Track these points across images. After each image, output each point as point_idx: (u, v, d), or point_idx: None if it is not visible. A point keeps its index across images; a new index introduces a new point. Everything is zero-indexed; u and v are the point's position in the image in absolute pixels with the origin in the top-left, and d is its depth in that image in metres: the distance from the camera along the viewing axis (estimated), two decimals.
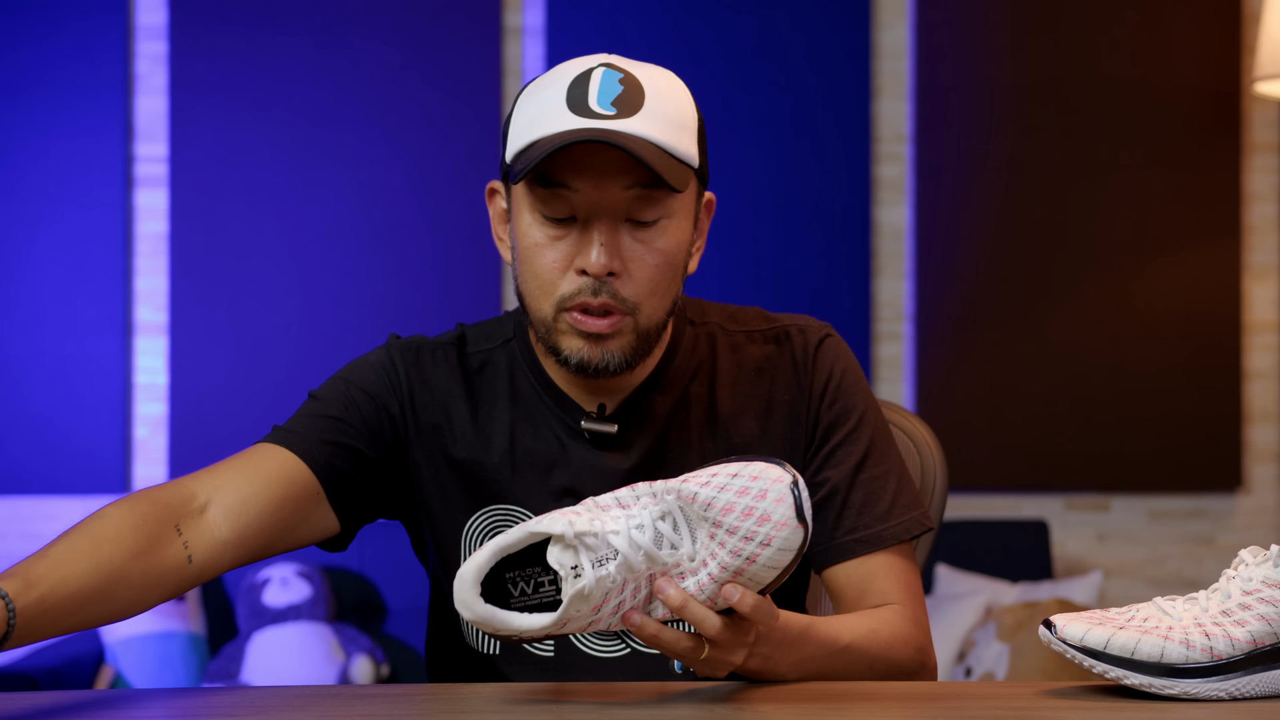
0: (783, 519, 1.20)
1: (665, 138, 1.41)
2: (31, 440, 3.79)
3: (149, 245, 3.85)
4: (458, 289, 3.82)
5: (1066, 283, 3.85)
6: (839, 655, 1.40)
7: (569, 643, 1.51)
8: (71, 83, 3.81)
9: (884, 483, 1.53)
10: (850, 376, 1.56)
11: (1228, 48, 3.86)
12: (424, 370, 1.55)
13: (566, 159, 1.40)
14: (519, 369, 1.56)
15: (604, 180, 1.40)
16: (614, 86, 1.41)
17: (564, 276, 1.43)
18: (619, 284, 1.43)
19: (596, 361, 1.45)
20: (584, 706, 1.27)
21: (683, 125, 1.44)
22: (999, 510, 3.87)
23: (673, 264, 1.46)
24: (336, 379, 1.56)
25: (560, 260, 1.43)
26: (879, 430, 1.56)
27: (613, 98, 1.41)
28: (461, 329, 1.59)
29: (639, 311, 1.44)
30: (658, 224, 1.44)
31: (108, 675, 3.45)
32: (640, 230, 1.43)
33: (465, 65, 3.84)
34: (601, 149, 1.39)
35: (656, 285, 1.45)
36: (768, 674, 1.36)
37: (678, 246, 1.46)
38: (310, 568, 3.57)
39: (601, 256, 1.41)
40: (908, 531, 1.52)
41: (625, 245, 1.43)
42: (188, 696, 1.44)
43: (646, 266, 1.44)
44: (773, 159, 3.85)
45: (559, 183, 1.41)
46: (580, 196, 1.41)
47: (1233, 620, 1.25)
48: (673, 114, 1.43)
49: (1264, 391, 3.91)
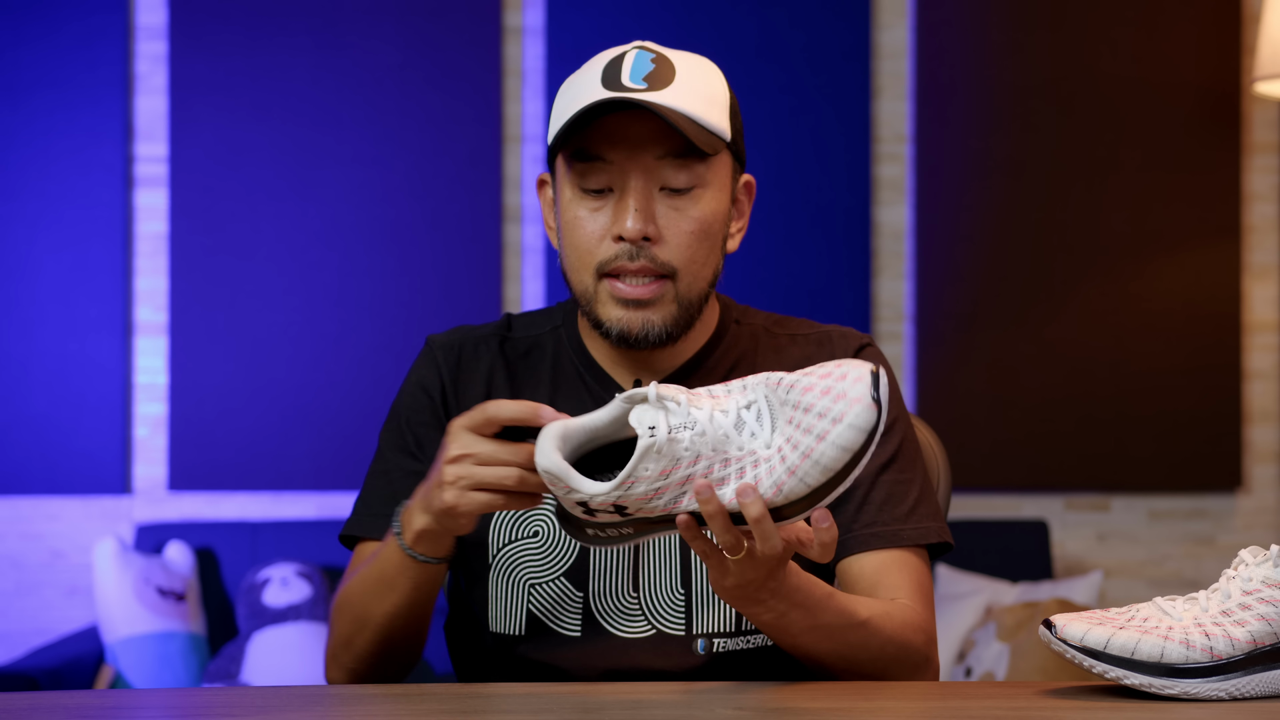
0: (858, 396, 1.21)
1: (694, 109, 1.46)
2: (31, 440, 3.79)
3: (149, 245, 3.85)
4: (458, 289, 3.82)
5: (1066, 283, 3.85)
6: (855, 630, 1.41)
7: (596, 622, 1.52)
8: (71, 83, 3.81)
9: (907, 488, 1.55)
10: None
11: (1228, 48, 3.86)
12: (464, 363, 1.60)
13: (601, 132, 1.46)
14: (564, 352, 1.60)
15: (637, 150, 1.46)
16: (646, 64, 1.47)
17: (602, 244, 1.48)
18: (656, 249, 1.48)
19: (637, 330, 1.49)
20: (596, 703, 1.27)
21: (713, 100, 1.49)
22: (999, 510, 3.87)
23: (709, 232, 1.50)
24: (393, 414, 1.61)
25: (599, 230, 1.48)
26: (909, 441, 1.58)
27: (645, 74, 1.47)
28: (508, 317, 1.64)
29: (678, 278, 1.49)
30: (691, 192, 1.49)
31: (108, 675, 3.45)
32: (675, 198, 1.48)
33: (465, 65, 3.84)
34: (634, 122, 1.45)
35: (695, 252, 1.49)
36: (780, 631, 1.36)
37: (713, 216, 1.50)
38: (310, 568, 3.57)
39: (637, 221, 1.46)
40: (925, 537, 1.54)
41: (660, 212, 1.48)
42: (188, 696, 1.44)
43: (682, 233, 1.48)
44: (773, 159, 3.84)
45: (594, 155, 1.47)
46: (615, 167, 1.47)
47: (1233, 620, 1.25)
48: (703, 90, 1.48)
49: (1264, 391, 3.91)
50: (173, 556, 3.59)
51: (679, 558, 1.53)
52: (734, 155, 1.54)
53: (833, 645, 1.40)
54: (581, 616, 1.53)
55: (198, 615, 3.56)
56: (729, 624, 1.52)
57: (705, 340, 1.58)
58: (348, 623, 1.48)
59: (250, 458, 3.81)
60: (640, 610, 1.52)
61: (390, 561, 1.42)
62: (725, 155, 1.52)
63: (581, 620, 1.53)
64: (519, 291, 3.86)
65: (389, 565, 1.43)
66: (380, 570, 1.44)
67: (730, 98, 1.52)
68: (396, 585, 1.43)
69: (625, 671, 1.51)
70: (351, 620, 1.47)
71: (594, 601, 1.53)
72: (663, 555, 1.53)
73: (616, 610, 1.53)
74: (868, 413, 1.21)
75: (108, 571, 3.46)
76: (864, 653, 1.42)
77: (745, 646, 1.53)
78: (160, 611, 3.44)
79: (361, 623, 1.47)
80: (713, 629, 1.52)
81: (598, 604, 1.53)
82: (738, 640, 1.52)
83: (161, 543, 3.65)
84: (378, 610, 1.45)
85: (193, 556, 3.62)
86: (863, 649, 1.42)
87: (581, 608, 1.53)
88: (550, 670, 1.53)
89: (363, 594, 1.46)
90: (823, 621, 1.38)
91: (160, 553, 3.63)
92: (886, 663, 1.44)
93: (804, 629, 1.37)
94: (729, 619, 1.52)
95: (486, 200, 3.84)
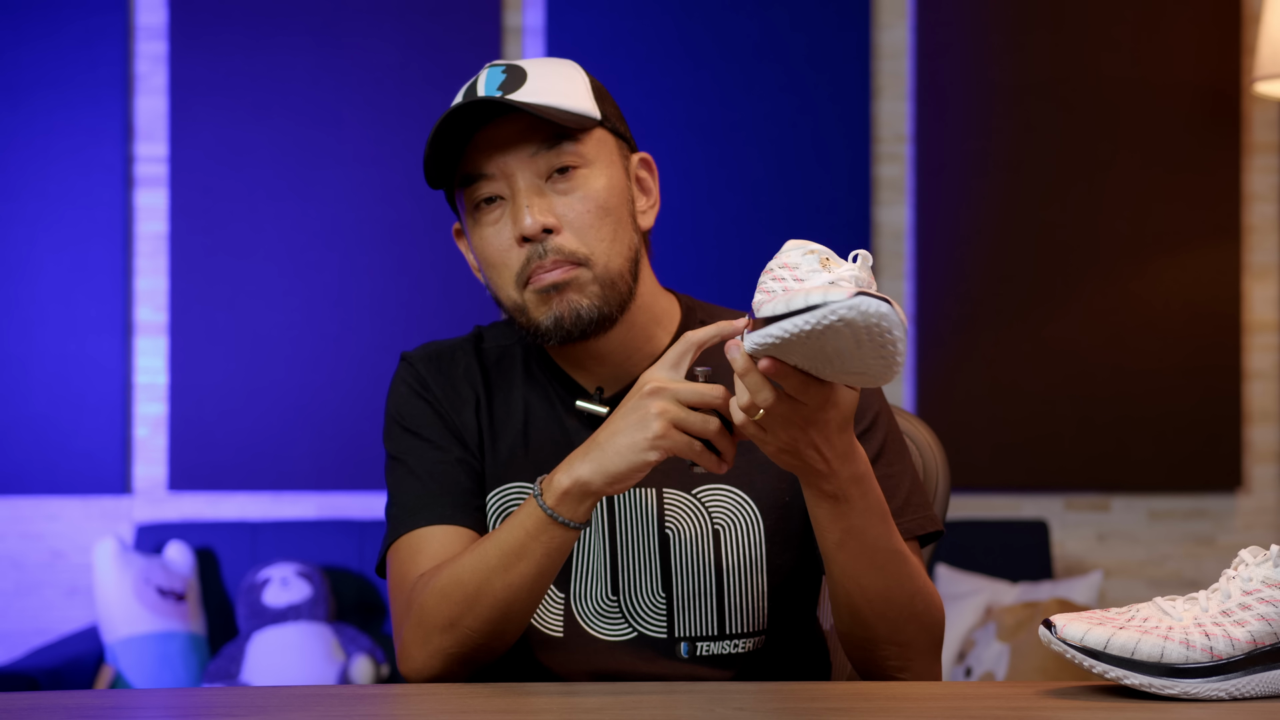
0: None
1: (550, 99, 1.50)
2: (31, 440, 3.79)
3: (149, 245, 3.85)
4: (458, 289, 3.82)
5: (1066, 283, 3.85)
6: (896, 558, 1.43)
7: (576, 624, 1.53)
8: (71, 83, 3.81)
9: (896, 482, 1.55)
10: None
11: (1228, 48, 3.86)
12: (444, 369, 1.61)
13: (474, 149, 1.50)
14: (532, 358, 1.61)
15: (509, 150, 1.49)
16: (498, 76, 1.52)
17: (511, 253, 1.50)
18: (561, 239, 1.50)
19: (567, 315, 1.50)
20: (589, 701, 1.27)
21: (571, 88, 1.52)
22: (999, 510, 3.87)
23: (607, 209, 1.52)
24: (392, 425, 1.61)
25: (505, 240, 1.51)
26: (893, 435, 1.58)
27: (498, 84, 1.50)
28: (478, 329, 1.66)
29: (591, 261, 1.50)
30: (575, 172, 1.51)
31: (108, 675, 3.45)
32: (561, 180, 1.51)
33: (465, 65, 3.84)
34: (500, 128, 1.49)
35: (600, 231, 1.51)
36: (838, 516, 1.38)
37: (607, 192, 1.52)
38: (310, 568, 3.57)
39: (531, 215, 1.48)
40: (920, 528, 1.54)
41: (553, 202, 1.50)
42: (188, 696, 1.44)
43: (578, 214, 1.50)
44: (773, 159, 3.85)
45: (477, 173, 1.51)
46: (497, 174, 1.50)
47: (1233, 620, 1.25)
48: (557, 83, 1.52)
49: (1264, 391, 3.91)
50: (173, 556, 3.60)
51: (659, 561, 1.53)
52: (616, 134, 1.56)
53: (874, 565, 1.41)
54: (563, 617, 1.54)
55: (198, 615, 3.56)
56: (712, 627, 1.52)
57: (668, 341, 1.58)
58: (455, 604, 1.44)
59: (250, 458, 3.81)
60: (620, 613, 1.53)
61: (523, 529, 1.41)
62: (603, 133, 1.54)
63: (563, 621, 1.54)
64: None
65: (520, 533, 1.41)
66: (508, 541, 1.42)
67: (592, 83, 1.55)
68: (528, 553, 1.41)
69: (609, 674, 1.51)
70: (462, 600, 1.44)
71: (574, 603, 1.54)
72: (643, 559, 1.54)
73: (596, 613, 1.53)
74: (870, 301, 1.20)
75: (108, 571, 3.46)
76: (899, 591, 1.43)
77: (729, 651, 1.53)
78: (160, 611, 3.44)
79: (475, 600, 1.43)
80: (696, 632, 1.52)
81: (578, 606, 1.54)
82: (722, 644, 1.52)
83: (161, 543, 3.65)
84: (500, 583, 1.42)
85: (193, 556, 3.62)
86: (898, 585, 1.43)
87: (563, 609, 1.54)
88: (537, 669, 1.54)
89: (482, 569, 1.43)
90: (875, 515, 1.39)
91: (160, 553, 3.63)
92: (910, 618, 1.45)
93: (861, 512, 1.38)
94: (712, 622, 1.52)
95: None
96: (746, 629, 1.53)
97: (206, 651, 3.55)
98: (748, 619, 1.53)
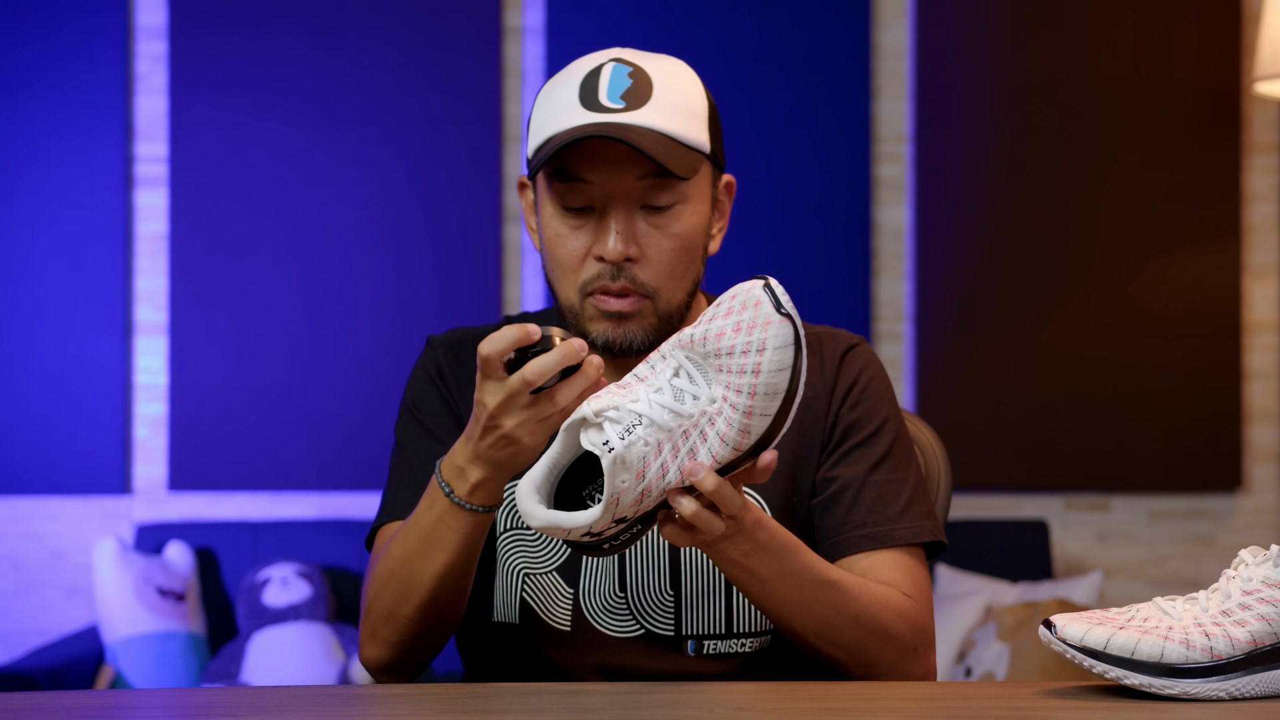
0: (766, 318, 1.26)
1: (672, 127, 1.47)
2: (31, 440, 3.79)
3: (149, 245, 3.85)
4: (458, 289, 3.82)
5: (1066, 283, 3.85)
6: (825, 588, 1.41)
7: (584, 619, 1.53)
8: (71, 83, 3.81)
9: (899, 488, 1.54)
10: (876, 385, 1.58)
11: (1228, 48, 3.86)
12: (464, 359, 1.62)
13: (581, 153, 1.47)
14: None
15: (616, 171, 1.46)
16: (623, 80, 1.47)
17: (584, 263, 1.50)
18: (637, 269, 1.49)
19: (620, 341, 1.51)
20: (592, 700, 1.27)
21: (691, 113, 1.49)
22: (999, 510, 3.87)
23: (689, 247, 1.52)
24: (404, 408, 1.63)
25: (580, 248, 1.50)
26: (900, 441, 1.57)
27: (622, 91, 1.47)
28: (506, 320, 1.65)
29: (658, 295, 1.51)
30: (672, 209, 1.50)
31: (108, 675, 3.45)
32: (655, 216, 1.49)
33: (465, 65, 3.84)
34: (614, 143, 1.46)
35: (674, 269, 1.51)
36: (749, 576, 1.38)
37: (694, 230, 1.52)
38: (310, 568, 3.57)
39: (618, 244, 1.47)
40: (918, 535, 1.52)
41: (641, 231, 1.49)
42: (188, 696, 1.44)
43: (663, 250, 1.50)
44: (773, 159, 3.84)
45: (574, 176, 1.48)
46: (595, 188, 1.48)
47: (1233, 620, 1.25)
48: (680, 103, 1.48)
49: (1264, 391, 3.91)
50: (173, 556, 3.60)
51: (667, 559, 1.53)
52: (713, 163, 1.54)
53: (803, 601, 1.40)
54: (571, 612, 1.54)
55: (198, 615, 3.56)
56: (719, 626, 1.52)
57: None
58: (391, 595, 1.46)
59: (250, 458, 3.81)
60: (628, 610, 1.53)
61: (436, 519, 1.42)
62: (706, 166, 1.52)
63: (571, 616, 1.54)
64: (519, 291, 3.86)
65: (435, 524, 1.42)
66: (425, 532, 1.43)
67: (708, 105, 1.52)
68: (446, 542, 1.42)
69: (615, 670, 1.52)
70: (396, 591, 1.46)
71: (583, 599, 1.54)
72: (651, 556, 1.54)
73: (604, 609, 1.54)
74: (782, 328, 1.25)
75: (108, 571, 3.46)
76: (839, 617, 1.41)
77: (736, 649, 1.53)
78: (160, 611, 3.44)
79: (407, 591, 1.45)
80: (703, 631, 1.52)
81: (587, 602, 1.54)
82: (729, 642, 1.53)
83: (161, 543, 3.65)
84: (426, 573, 1.44)
85: (193, 556, 3.62)
86: (836, 613, 1.41)
87: (571, 604, 1.54)
88: (544, 662, 1.54)
89: (408, 561, 1.44)
90: (791, 567, 1.39)
91: (160, 553, 3.63)
92: (864, 639, 1.43)
93: (772, 574, 1.38)
94: (720, 621, 1.53)
95: (486, 200, 3.84)
96: (753, 628, 1.53)
97: (206, 651, 3.55)
98: (754, 618, 1.53)
